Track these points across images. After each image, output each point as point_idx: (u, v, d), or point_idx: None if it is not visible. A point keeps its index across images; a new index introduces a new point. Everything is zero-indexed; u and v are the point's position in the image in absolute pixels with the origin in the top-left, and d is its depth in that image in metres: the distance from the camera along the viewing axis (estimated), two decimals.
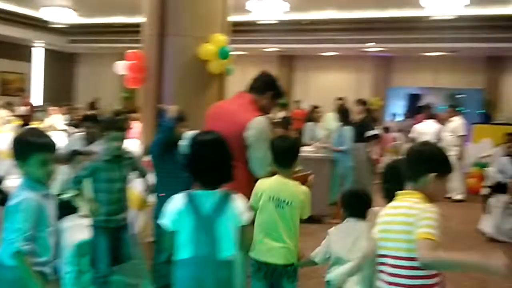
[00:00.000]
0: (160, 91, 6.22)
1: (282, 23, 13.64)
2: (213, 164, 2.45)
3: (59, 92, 19.57)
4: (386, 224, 2.23)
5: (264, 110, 3.31)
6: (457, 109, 9.43)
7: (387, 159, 7.23)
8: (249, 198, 3.08)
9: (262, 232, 2.96)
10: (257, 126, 3.09)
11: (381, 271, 2.23)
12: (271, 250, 2.93)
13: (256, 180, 3.18)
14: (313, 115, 8.05)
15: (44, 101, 17.69)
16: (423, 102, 10.82)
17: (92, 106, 16.76)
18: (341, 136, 6.82)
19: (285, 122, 12.35)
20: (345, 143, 6.75)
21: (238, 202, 2.49)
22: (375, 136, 7.49)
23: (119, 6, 13.77)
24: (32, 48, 19.76)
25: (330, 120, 7.70)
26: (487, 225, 6.58)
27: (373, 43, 14.48)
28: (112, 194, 3.55)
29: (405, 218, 2.14)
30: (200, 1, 6.25)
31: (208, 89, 6.34)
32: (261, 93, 3.28)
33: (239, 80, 18.35)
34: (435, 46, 14.02)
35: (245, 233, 2.52)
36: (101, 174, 3.51)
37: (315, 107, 8.36)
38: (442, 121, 9.32)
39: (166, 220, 2.44)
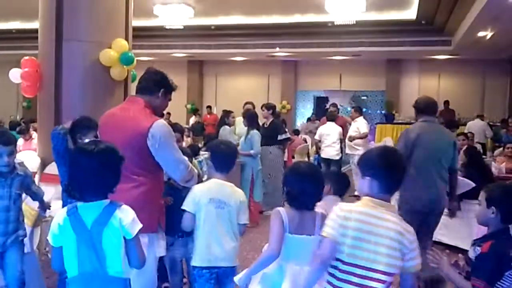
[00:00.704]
0: (58, 100, 5.85)
1: (189, 28, 13.47)
2: (91, 173, 2.22)
3: None
4: (363, 232, 2.14)
5: (159, 110, 3.12)
6: (359, 110, 9.76)
7: (295, 161, 7.35)
8: (158, 207, 2.96)
9: (204, 237, 2.96)
10: (159, 131, 2.86)
11: (331, 274, 2.22)
12: (216, 254, 2.95)
13: (162, 188, 3.05)
14: (227, 120, 7.97)
15: None
16: (328, 104, 11.08)
17: None
18: (249, 140, 6.81)
19: (198, 128, 12.32)
20: (254, 146, 6.75)
21: (125, 213, 2.28)
22: (287, 139, 7.61)
23: (15, 11, 12.96)
24: None
25: (240, 124, 7.68)
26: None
27: (279, 48, 14.74)
28: None
29: (397, 235, 2.15)
30: (100, 5, 5.95)
31: (111, 96, 6.06)
32: (152, 93, 3.02)
33: None
34: (339, 51, 14.61)
35: (134, 247, 2.29)
36: None
37: (228, 111, 8.29)
38: (345, 122, 9.64)
39: (49, 236, 2.27)
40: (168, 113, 15.84)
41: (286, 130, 8.00)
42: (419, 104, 4.37)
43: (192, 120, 14.48)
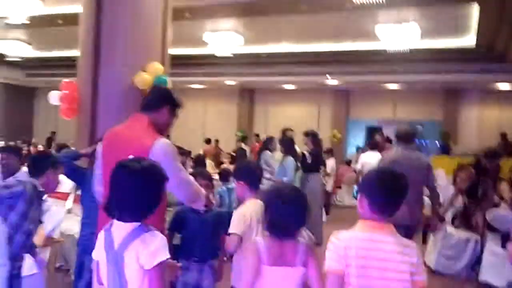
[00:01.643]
0: (95, 122, 5.94)
1: (239, 56, 13.54)
2: (131, 192, 2.08)
3: (18, 127, 19.03)
4: (367, 259, 2.08)
5: (165, 127, 2.94)
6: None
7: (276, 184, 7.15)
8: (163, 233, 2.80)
9: None
10: (162, 150, 2.70)
11: None
12: None
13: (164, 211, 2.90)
14: (270, 146, 7.79)
15: (3, 136, 17.16)
16: (379, 134, 10.70)
17: (49, 140, 16.33)
18: (283, 167, 6.60)
19: (240, 154, 12.21)
20: (287, 174, 6.54)
21: (149, 241, 2.06)
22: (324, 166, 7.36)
23: (75, 39, 13.52)
24: None
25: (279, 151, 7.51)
26: (428, 257, 6.38)
27: (330, 76, 14.51)
28: None
29: (400, 256, 2.09)
30: (136, 31, 6.03)
31: None
32: (157, 110, 2.88)
33: (201, 113, 18.32)
34: (392, 79, 14.20)
35: (153, 279, 2.05)
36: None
37: (272, 137, 8.11)
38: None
39: (94, 251, 2.20)
40: (216, 140, 15.96)
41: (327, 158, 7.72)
42: (399, 133, 5.06)
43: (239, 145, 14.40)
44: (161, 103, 2.91)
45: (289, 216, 2.34)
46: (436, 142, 15.27)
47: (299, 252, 2.33)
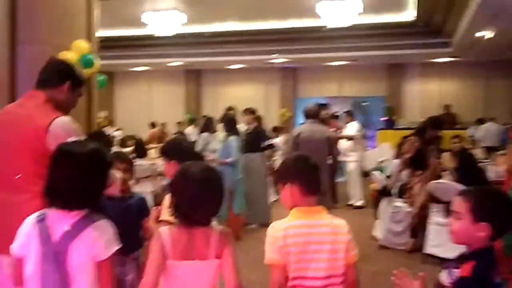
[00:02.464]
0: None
1: (183, 36, 12.99)
2: (74, 178, 1.88)
3: None
4: (303, 245, 2.09)
5: (65, 107, 2.55)
6: (351, 114, 9.22)
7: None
8: None
9: None
10: (62, 130, 2.34)
11: None
12: None
13: None
14: (208, 126, 7.44)
15: None
16: (328, 111, 10.51)
17: None
18: (227, 147, 6.24)
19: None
20: (231, 154, 6.18)
21: (105, 228, 1.93)
22: (271, 146, 7.08)
23: None
24: None
25: (220, 131, 7.15)
26: (378, 231, 6.23)
27: (277, 54, 14.20)
28: None
29: (332, 237, 2.14)
30: (57, 6, 5.47)
31: None
32: (55, 86, 2.51)
33: (147, 97, 17.74)
34: (336, 56, 14.07)
35: (105, 270, 1.90)
36: None
37: (210, 117, 7.78)
38: (336, 127, 9.05)
39: (14, 244, 1.93)
40: (162, 124, 15.42)
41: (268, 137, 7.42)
42: (306, 110, 5.84)
43: (189, 130, 13.98)
44: (59, 79, 2.53)
45: (197, 199, 1.94)
46: (381, 117, 15.32)
47: (211, 242, 1.97)
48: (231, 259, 2.00)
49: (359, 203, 8.75)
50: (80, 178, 1.89)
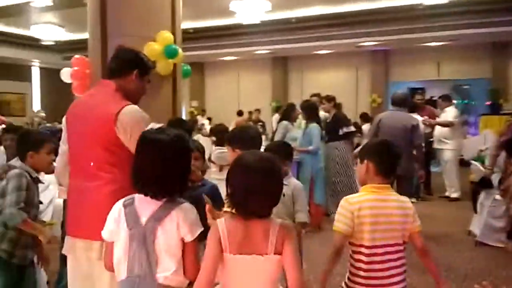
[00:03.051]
0: None
1: (269, 23, 13.02)
2: (154, 167, 2.01)
3: (58, 110, 19.29)
4: (377, 217, 2.45)
5: (135, 95, 2.62)
6: (448, 98, 8.68)
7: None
8: None
9: None
10: (130, 118, 2.42)
11: (359, 260, 2.46)
12: None
13: None
14: (288, 114, 7.38)
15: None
16: (422, 96, 10.03)
17: None
18: (307, 135, 6.16)
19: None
20: (312, 142, 6.09)
21: (190, 211, 2.03)
22: (352, 133, 6.91)
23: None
24: (33, 68, 19.61)
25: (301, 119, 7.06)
26: (476, 226, 5.84)
27: (368, 37, 13.75)
28: None
29: (400, 211, 2.53)
30: (142, 1, 5.70)
31: (158, 91, 5.79)
32: (124, 75, 2.59)
33: (235, 85, 18.15)
34: (434, 35, 13.24)
35: (190, 252, 2.01)
36: None
37: (290, 104, 7.72)
38: (432, 113, 8.61)
39: (104, 230, 2.10)
40: (250, 112, 15.62)
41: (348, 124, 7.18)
42: (392, 98, 6.13)
43: (275, 118, 14.04)
44: (127, 67, 2.61)
45: (253, 188, 1.86)
46: (485, 101, 14.34)
47: (270, 237, 1.88)
48: (292, 256, 1.89)
49: (455, 195, 8.31)
50: (163, 165, 1.99)
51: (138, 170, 2.05)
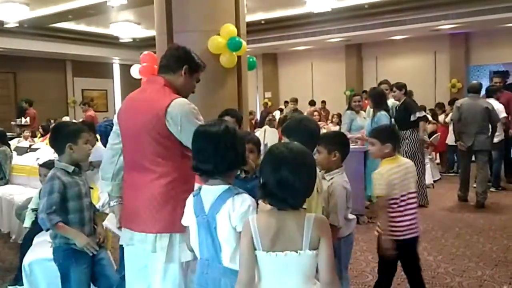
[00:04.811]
0: None
1: (341, 10, 12.81)
2: (212, 156, 2.13)
3: None
4: (400, 178, 3.29)
5: (183, 91, 2.67)
6: None
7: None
8: (185, 203, 2.56)
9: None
10: (180, 111, 2.47)
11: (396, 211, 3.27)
12: None
13: (190, 180, 2.66)
14: (352, 104, 7.29)
15: None
16: (501, 79, 9.45)
17: None
18: (376, 123, 6.03)
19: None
20: None
21: (239, 202, 2.07)
22: (423, 118, 6.66)
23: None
24: (114, 65, 20.58)
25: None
26: None
27: (445, 20, 13.14)
28: None
29: (410, 169, 3.40)
30: None
31: (222, 84, 5.94)
32: (173, 71, 2.65)
33: (307, 74, 18.07)
34: None
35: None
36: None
37: (355, 94, 7.60)
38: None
39: (183, 218, 2.29)
40: (323, 101, 15.47)
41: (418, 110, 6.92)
42: (468, 87, 7.64)
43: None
44: (177, 64, 2.67)
45: (286, 181, 1.83)
46: None
47: (305, 231, 1.83)
48: (326, 252, 1.84)
49: None
50: (214, 156, 2.10)
51: (194, 160, 2.18)
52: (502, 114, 7.70)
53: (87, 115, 11.40)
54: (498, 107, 7.61)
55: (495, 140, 7.55)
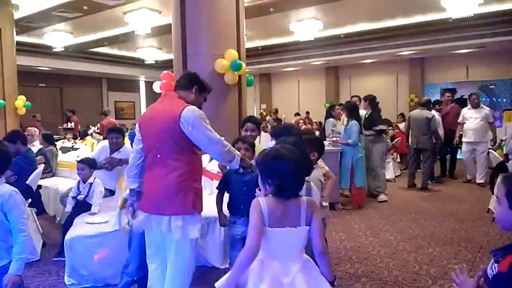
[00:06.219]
0: None
1: (322, 39, 12.82)
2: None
3: None
4: None
5: (194, 105, 2.66)
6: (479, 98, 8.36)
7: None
8: (194, 190, 2.56)
9: None
10: (191, 114, 2.49)
11: None
12: None
13: (198, 172, 2.67)
14: (333, 113, 7.30)
15: None
16: (450, 95, 9.49)
17: None
18: (348, 130, 6.04)
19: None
20: (352, 136, 5.97)
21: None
22: (381, 131, 6.65)
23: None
24: (140, 82, 20.57)
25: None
26: (493, 206, 5.48)
27: (406, 47, 13.18)
28: None
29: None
30: (214, 25, 5.84)
31: (226, 98, 5.94)
32: (186, 89, 2.69)
33: (295, 90, 17.96)
34: (462, 44, 12.47)
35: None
36: None
37: (334, 105, 7.64)
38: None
39: None
40: (307, 112, 15.47)
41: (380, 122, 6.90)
42: (419, 101, 8.46)
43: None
44: (190, 84, 2.72)
45: (291, 177, 1.88)
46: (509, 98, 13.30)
47: (302, 211, 1.90)
48: (318, 226, 1.91)
49: (481, 180, 7.81)
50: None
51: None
52: (440, 123, 8.10)
53: (102, 123, 11.48)
54: (437, 117, 8.02)
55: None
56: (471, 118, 7.95)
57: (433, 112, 8.01)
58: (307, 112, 15.43)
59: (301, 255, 1.94)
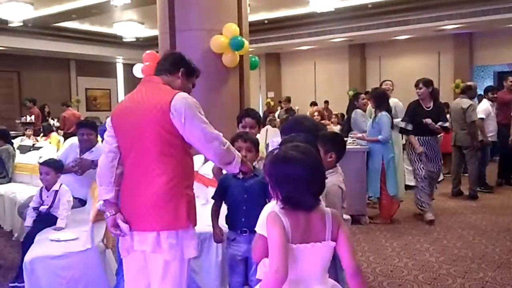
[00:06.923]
0: None
1: (344, 10, 12.81)
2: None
3: None
4: None
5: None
6: None
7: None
8: (187, 199, 2.53)
9: None
10: (183, 104, 2.45)
11: None
12: None
13: (191, 176, 2.65)
14: (357, 103, 7.28)
15: None
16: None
17: None
18: (377, 124, 6.00)
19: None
20: (382, 131, 5.93)
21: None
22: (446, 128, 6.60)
23: None
24: (117, 64, 20.64)
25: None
26: None
27: (449, 20, 13.12)
28: None
29: None
30: None
31: (224, 84, 5.95)
32: (171, 73, 2.66)
33: (310, 74, 18.06)
34: None
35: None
36: None
37: (358, 93, 7.60)
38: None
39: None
40: (326, 101, 15.44)
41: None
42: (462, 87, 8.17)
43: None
44: (175, 66, 2.68)
45: (302, 182, 1.87)
46: None
47: (327, 225, 1.92)
48: (347, 241, 1.94)
49: None
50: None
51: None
52: (480, 114, 7.83)
53: (63, 115, 11.56)
54: (483, 107, 8.10)
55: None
56: None
57: (484, 101, 8.06)
58: (326, 102, 15.44)
59: (326, 278, 1.96)
